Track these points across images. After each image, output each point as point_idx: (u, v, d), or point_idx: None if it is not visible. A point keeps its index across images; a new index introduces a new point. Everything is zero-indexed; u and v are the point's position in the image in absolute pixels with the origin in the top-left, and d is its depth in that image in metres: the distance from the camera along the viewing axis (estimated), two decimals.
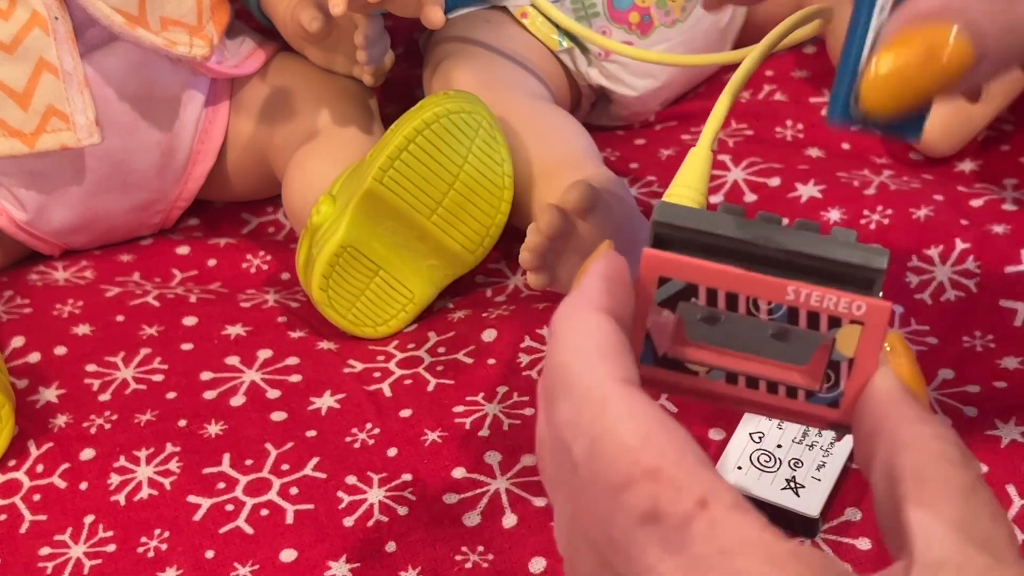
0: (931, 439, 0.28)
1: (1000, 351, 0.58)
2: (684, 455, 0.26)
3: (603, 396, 0.27)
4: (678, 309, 0.30)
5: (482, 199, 0.64)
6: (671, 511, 0.26)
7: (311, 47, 0.73)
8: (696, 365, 0.31)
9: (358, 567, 0.52)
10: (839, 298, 0.29)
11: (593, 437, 0.27)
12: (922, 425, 0.28)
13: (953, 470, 0.27)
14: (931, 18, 0.28)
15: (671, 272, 0.30)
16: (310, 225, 0.65)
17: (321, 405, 0.61)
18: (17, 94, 0.66)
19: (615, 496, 0.26)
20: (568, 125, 0.69)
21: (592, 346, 0.28)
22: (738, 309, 0.30)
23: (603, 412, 0.27)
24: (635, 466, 0.26)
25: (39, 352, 0.66)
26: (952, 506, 0.27)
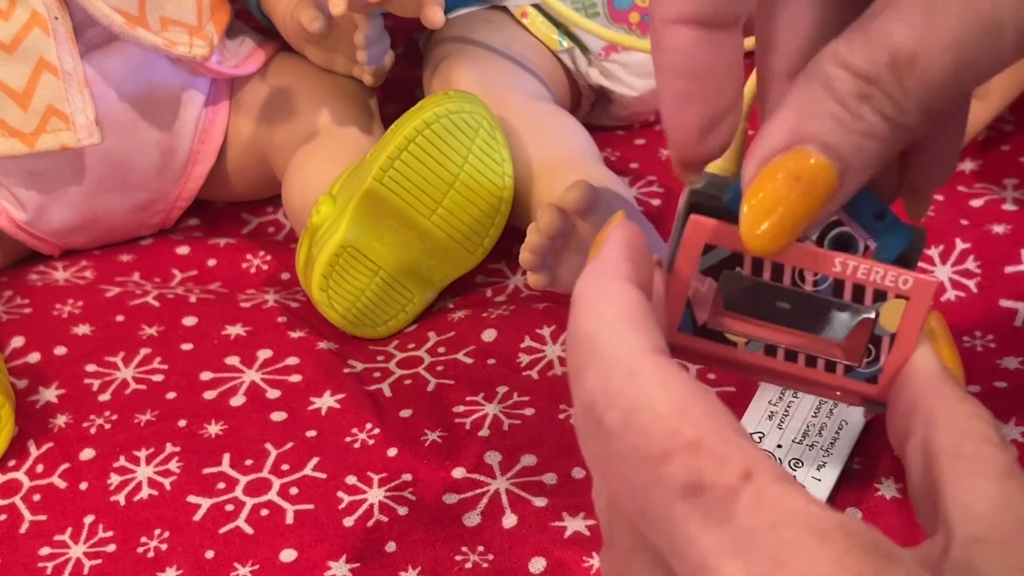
0: (970, 419, 0.28)
1: (1000, 351, 0.58)
2: (722, 426, 0.26)
3: (633, 366, 0.27)
4: (721, 278, 0.30)
5: (482, 199, 0.64)
6: (715, 483, 0.25)
7: (311, 47, 0.73)
8: (735, 335, 0.30)
9: (358, 567, 0.52)
10: (886, 271, 0.29)
11: (626, 408, 0.26)
12: (961, 404, 0.28)
13: (992, 450, 0.27)
14: (782, 151, 0.28)
15: (718, 240, 0.30)
16: (310, 225, 0.65)
17: (321, 405, 0.61)
18: (17, 94, 0.66)
19: (653, 468, 0.26)
20: (568, 125, 0.69)
21: (618, 314, 0.28)
22: (783, 280, 0.30)
23: (635, 382, 0.26)
24: (673, 437, 0.26)
25: (39, 352, 0.66)
26: (991, 485, 0.26)
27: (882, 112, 0.28)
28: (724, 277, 0.30)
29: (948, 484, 0.27)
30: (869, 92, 0.28)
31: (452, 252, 0.65)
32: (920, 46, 0.27)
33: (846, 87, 0.28)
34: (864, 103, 0.28)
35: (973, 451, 0.27)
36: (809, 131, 0.28)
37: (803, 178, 0.28)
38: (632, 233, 0.30)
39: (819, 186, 0.28)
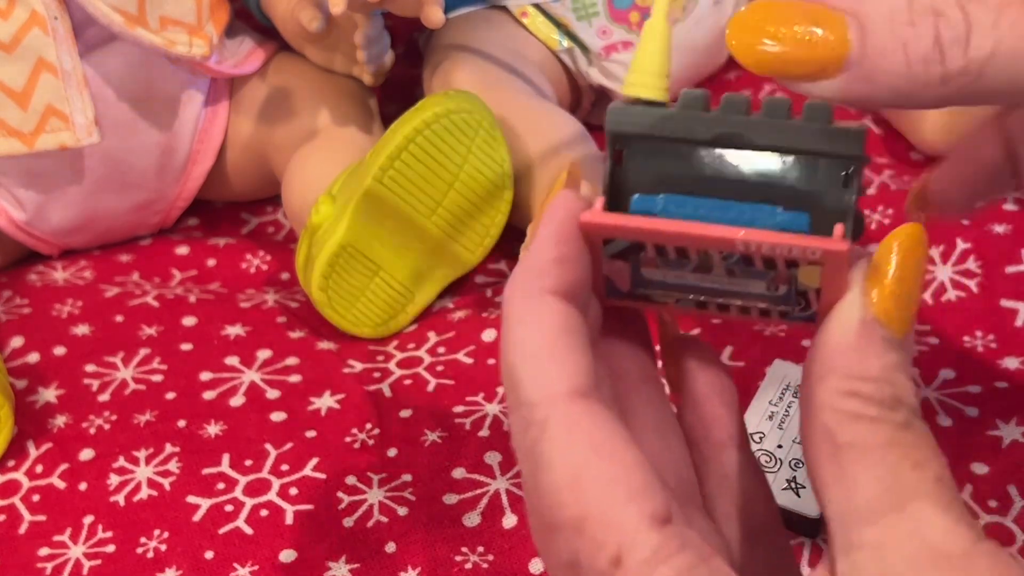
0: (843, 397, 0.26)
1: (1001, 351, 0.58)
2: (611, 497, 0.26)
3: (544, 417, 0.26)
4: (631, 259, 0.29)
5: (482, 199, 0.64)
6: (588, 567, 0.25)
7: (311, 46, 0.73)
8: (665, 293, 0.30)
9: (358, 567, 0.52)
10: (791, 245, 0.28)
11: (533, 464, 0.26)
12: (837, 381, 0.27)
13: (869, 427, 0.26)
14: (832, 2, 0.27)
15: (614, 234, 0.29)
16: (310, 225, 0.65)
17: (321, 405, 0.61)
18: (16, 94, 0.66)
19: (547, 537, 0.26)
20: (568, 125, 0.69)
21: (539, 346, 0.27)
22: (690, 259, 0.29)
23: (542, 438, 0.26)
24: (561, 511, 0.26)
25: (38, 352, 0.66)
26: (867, 471, 0.26)
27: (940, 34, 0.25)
28: (635, 258, 0.29)
29: (825, 486, 0.26)
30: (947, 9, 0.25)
31: (452, 252, 0.65)
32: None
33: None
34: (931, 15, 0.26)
35: (846, 436, 0.26)
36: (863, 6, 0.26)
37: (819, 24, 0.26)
38: (568, 209, 0.28)
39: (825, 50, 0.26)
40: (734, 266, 0.29)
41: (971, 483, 0.51)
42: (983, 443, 0.53)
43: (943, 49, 0.25)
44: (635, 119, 0.29)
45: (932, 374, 0.57)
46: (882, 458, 0.26)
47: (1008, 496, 0.51)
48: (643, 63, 0.31)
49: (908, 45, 0.25)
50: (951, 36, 0.25)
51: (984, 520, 0.50)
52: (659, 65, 0.30)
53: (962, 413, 0.55)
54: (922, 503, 0.25)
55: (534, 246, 0.28)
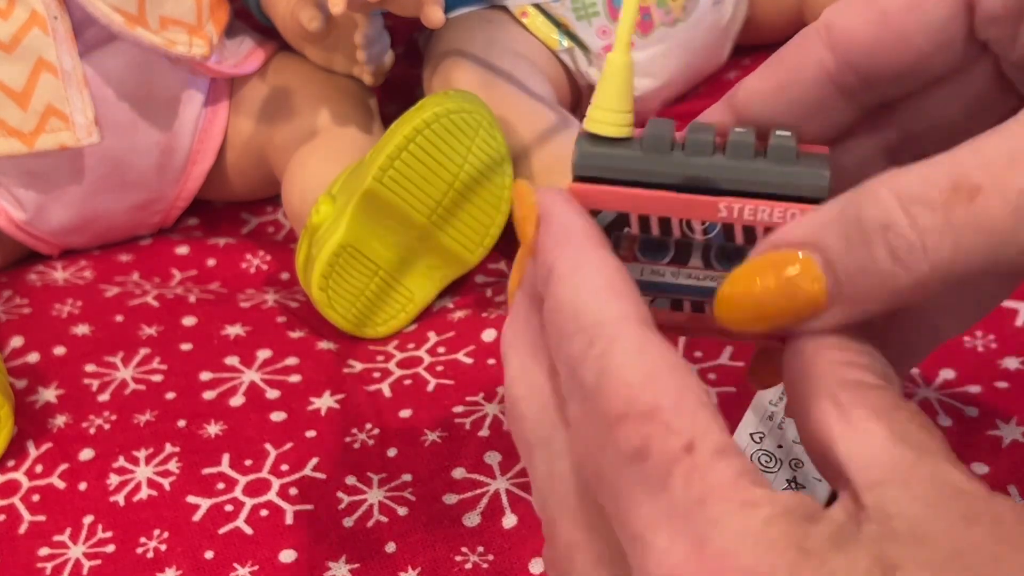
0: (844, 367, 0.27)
1: (1001, 351, 0.58)
2: (684, 396, 0.26)
3: (614, 333, 0.27)
4: (612, 239, 0.30)
5: (482, 199, 0.64)
6: (658, 451, 0.26)
7: (311, 46, 0.73)
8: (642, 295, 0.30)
9: (358, 567, 0.52)
10: (772, 208, 0.29)
11: (600, 371, 0.27)
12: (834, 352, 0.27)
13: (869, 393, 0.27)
14: (785, 247, 0.28)
15: (600, 203, 0.29)
16: (310, 225, 0.65)
17: (321, 405, 0.61)
18: (16, 93, 0.66)
19: (610, 430, 0.26)
20: (568, 125, 0.69)
21: (602, 284, 0.28)
22: (673, 232, 0.30)
23: (613, 348, 0.27)
24: (632, 402, 0.26)
25: (38, 352, 0.66)
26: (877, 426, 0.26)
27: (894, 249, 0.26)
28: (615, 238, 0.30)
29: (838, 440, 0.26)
30: (893, 221, 0.26)
31: (452, 252, 0.65)
32: (988, 180, 0.25)
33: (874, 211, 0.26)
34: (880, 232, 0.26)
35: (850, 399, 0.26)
36: (820, 239, 0.27)
37: (794, 280, 0.27)
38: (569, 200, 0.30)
39: (801, 290, 0.27)
40: (712, 254, 0.30)
41: None
42: (983, 443, 0.53)
43: (903, 261, 0.26)
44: (601, 162, 0.30)
45: (932, 374, 0.57)
46: (892, 418, 0.26)
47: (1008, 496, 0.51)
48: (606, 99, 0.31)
49: (868, 267, 0.26)
50: (905, 247, 0.26)
51: None
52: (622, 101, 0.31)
53: (962, 413, 0.55)
54: (935, 457, 0.25)
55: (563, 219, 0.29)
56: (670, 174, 0.29)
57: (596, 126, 0.31)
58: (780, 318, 0.28)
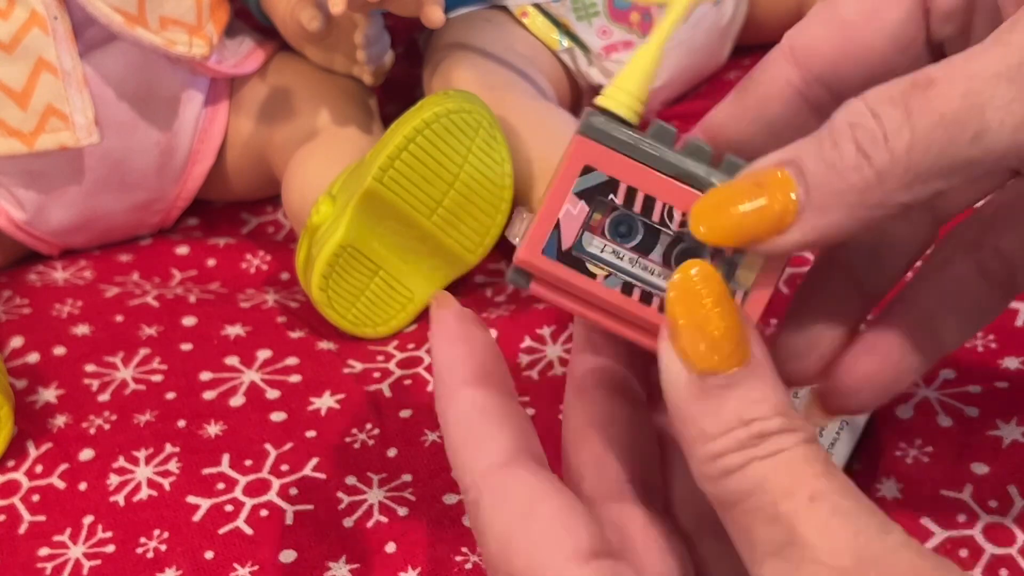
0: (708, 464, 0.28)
1: (1001, 351, 0.58)
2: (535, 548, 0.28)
3: (476, 497, 0.30)
4: (592, 204, 0.30)
5: (482, 199, 0.64)
6: None
7: (311, 46, 0.73)
8: (596, 267, 0.31)
9: (358, 567, 0.52)
10: None
11: (478, 538, 0.29)
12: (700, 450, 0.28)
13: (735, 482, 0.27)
14: (765, 161, 0.29)
15: (597, 163, 0.30)
16: (310, 225, 0.65)
17: (321, 405, 0.61)
18: (16, 93, 0.66)
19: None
20: (568, 125, 0.69)
21: (458, 435, 0.31)
22: (652, 215, 0.30)
23: (477, 515, 0.29)
24: (498, 572, 0.29)
25: (38, 352, 0.66)
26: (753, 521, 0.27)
27: (859, 141, 0.27)
28: (596, 204, 0.30)
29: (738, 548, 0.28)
30: (860, 120, 0.27)
31: (452, 252, 0.65)
32: (942, 73, 0.27)
33: (845, 114, 0.28)
34: (847, 130, 0.27)
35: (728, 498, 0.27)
36: (797, 154, 0.28)
37: (765, 188, 0.28)
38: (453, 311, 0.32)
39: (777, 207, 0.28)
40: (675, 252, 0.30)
41: (971, 483, 0.51)
42: (983, 443, 0.53)
43: (866, 152, 0.27)
44: (609, 129, 0.31)
45: (932, 374, 0.57)
46: (759, 503, 0.27)
47: (1008, 496, 0.51)
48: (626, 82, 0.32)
49: (836, 163, 0.27)
50: (869, 138, 0.27)
51: (984, 520, 0.50)
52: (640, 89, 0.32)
53: (962, 413, 0.55)
54: (802, 533, 0.26)
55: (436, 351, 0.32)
56: (669, 164, 0.30)
57: (609, 103, 0.32)
58: (753, 228, 0.28)
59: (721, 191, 0.29)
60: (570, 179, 0.30)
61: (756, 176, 0.28)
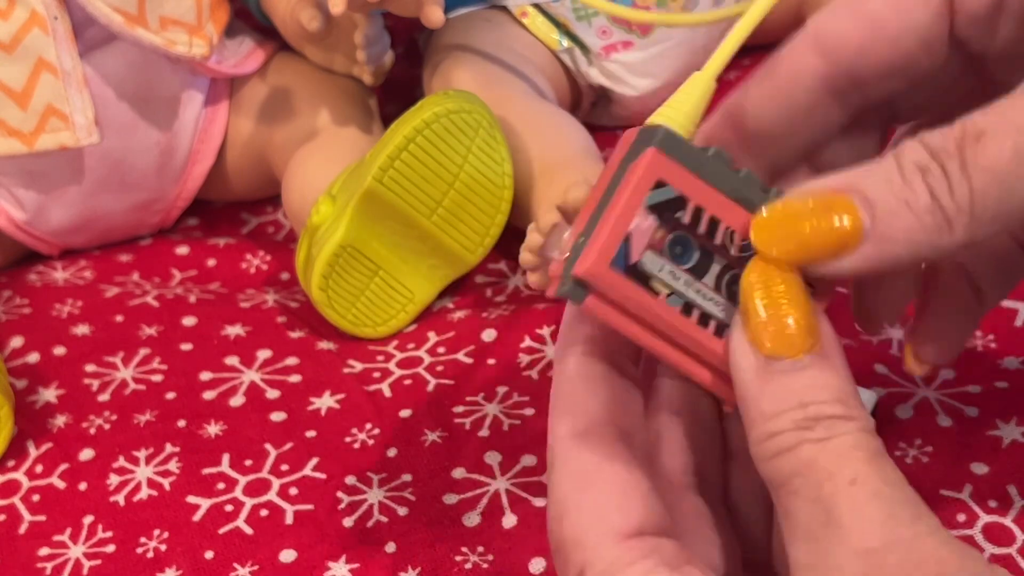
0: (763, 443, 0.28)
1: (1001, 351, 0.58)
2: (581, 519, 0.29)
3: (551, 458, 0.31)
4: (661, 220, 0.30)
5: (482, 199, 0.64)
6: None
7: (310, 46, 0.73)
8: (660, 284, 0.30)
9: (358, 567, 0.52)
10: None
11: (549, 488, 0.31)
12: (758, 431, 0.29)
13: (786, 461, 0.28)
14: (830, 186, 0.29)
15: (669, 178, 0.30)
16: (310, 225, 0.65)
17: (321, 405, 0.61)
18: (16, 93, 0.66)
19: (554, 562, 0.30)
20: (568, 124, 0.69)
21: (556, 396, 0.31)
22: (715, 238, 0.30)
23: (551, 474, 0.31)
24: (551, 536, 0.30)
25: (38, 352, 0.66)
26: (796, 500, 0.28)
27: (932, 187, 0.28)
28: (664, 220, 0.30)
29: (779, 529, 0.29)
30: (928, 166, 0.28)
31: (452, 252, 0.65)
32: (991, 124, 0.28)
33: (912, 156, 0.28)
34: (918, 174, 0.28)
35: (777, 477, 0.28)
36: (860, 184, 0.29)
37: (832, 211, 0.29)
38: None
39: (843, 230, 0.28)
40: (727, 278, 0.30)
41: (971, 483, 0.51)
42: (983, 443, 0.53)
43: (938, 199, 0.28)
44: (682, 146, 0.30)
45: (932, 374, 0.57)
46: (804, 484, 0.27)
47: (1008, 496, 0.51)
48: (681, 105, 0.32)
49: (910, 202, 0.28)
50: (939, 186, 0.28)
51: (984, 520, 0.50)
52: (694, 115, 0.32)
53: (962, 413, 0.55)
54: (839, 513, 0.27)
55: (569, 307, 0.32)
56: (733, 187, 0.30)
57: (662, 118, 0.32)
58: (815, 248, 0.29)
59: (788, 206, 0.29)
60: (643, 191, 0.30)
61: (821, 196, 0.29)
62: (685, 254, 0.30)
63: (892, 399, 0.55)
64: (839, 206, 0.28)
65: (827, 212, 0.28)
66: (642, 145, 0.30)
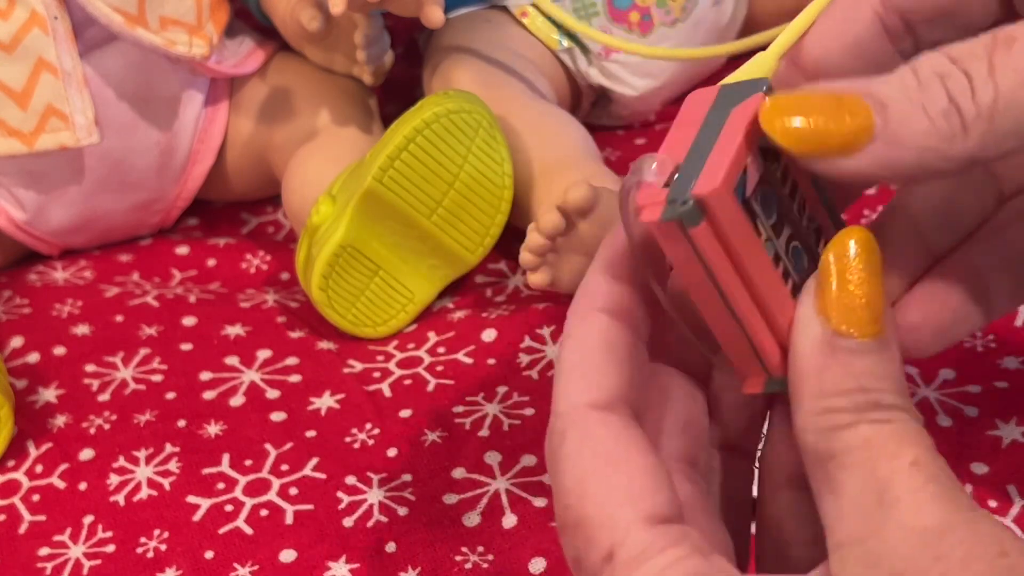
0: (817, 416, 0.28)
1: (1001, 351, 0.58)
2: (608, 499, 0.28)
3: (564, 427, 0.29)
4: (764, 165, 0.29)
5: (482, 199, 0.64)
6: (585, 562, 0.28)
7: (310, 46, 0.73)
8: (762, 227, 0.29)
9: (358, 567, 0.52)
10: None
11: (553, 469, 0.29)
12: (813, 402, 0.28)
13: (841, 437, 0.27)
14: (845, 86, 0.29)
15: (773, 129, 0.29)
16: (310, 225, 0.65)
17: (321, 405, 0.61)
18: (16, 94, 0.66)
19: (561, 536, 0.29)
20: (568, 124, 0.69)
21: (574, 361, 0.30)
22: (795, 202, 0.30)
23: (560, 446, 0.29)
24: (567, 513, 0.28)
25: (38, 352, 0.66)
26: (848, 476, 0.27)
27: (951, 91, 0.27)
28: (765, 167, 0.29)
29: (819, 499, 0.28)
30: (949, 71, 0.28)
31: (452, 252, 0.65)
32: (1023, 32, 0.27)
33: (931, 63, 0.28)
34: (937, 79, 0.28)
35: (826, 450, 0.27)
36: (874, 87, 0.28)
37: (844, 106, 0.28)
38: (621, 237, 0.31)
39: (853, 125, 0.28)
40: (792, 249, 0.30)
41: (971, 483, 0.51)
42: (983, 443, 0.53)
43: (956, 102, 0.27)
44: None
45: (932, 374, 0.57)
46: (859, 459, 0.27)
47: (1008, 496, 0.51)
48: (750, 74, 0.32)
49: (926, 105, 0.28)
50: (959, 90, 0.27)
51: None
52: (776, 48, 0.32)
53: (962, 413, 0.55)
54: (896, 491, 0.27)
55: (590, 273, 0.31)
56: None
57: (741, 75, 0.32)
58: (824, 139, 0.28)
59: (802, 96, 0.29)
60: (757, 132, 0.29)
61: (837, 92, 0.29)
62: (767, 209, 0.30)
63: None
64: (851, 102, 0.28)
65: (839, 106, 0.28)
66: (743, 93, 0.30)
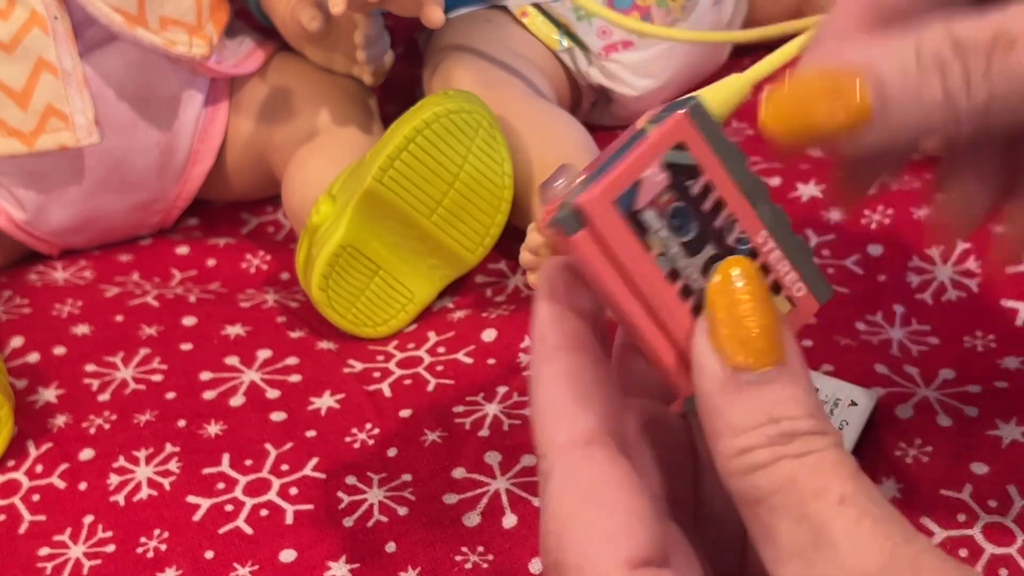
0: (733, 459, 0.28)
1: (1001, 351, 0.58)
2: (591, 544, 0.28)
3: (548, 468, 0.29)
4: (672, 182, 0.29)
5: (482, 199, 0.64)
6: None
7: (310, 46, 0.73)
8: (655, 242, 0.29)
9: (358, 567, 0.52)
10: (788, 273, 0.30)
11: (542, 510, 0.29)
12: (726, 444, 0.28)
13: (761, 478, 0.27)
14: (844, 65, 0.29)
15: (691, 145, 0.29)
16: (310, 225, 0.65)
17: (321, 405, 0.61)
18: (16, 94, 0.66)
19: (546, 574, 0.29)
20: (568, 124, 0.69)
21: (546, 401, 0.30)
22: (715, 221, 0.30)
23: (546, 487, 0.29)
24: (548, 556, 0.28)
25: (38, 352, 0.66)
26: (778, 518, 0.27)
27: (948, 87, 0.28)
28: (675, 183, 0.29)
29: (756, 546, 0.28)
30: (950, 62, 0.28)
31: (452, 252, 0.65)
32: None
33: (934, 47, 0.28)
34: (937, 70, 0.28)
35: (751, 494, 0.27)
36: (877, 67, 0.28)
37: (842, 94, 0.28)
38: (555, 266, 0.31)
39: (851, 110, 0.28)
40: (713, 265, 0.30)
41: (971, 483, 0.51)
42: (983, 443, 0.53)
43: (952, 95, 0.28)
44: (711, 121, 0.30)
45: (932, 374, 0.57)
46: (786, 502, 0.27)
47: (1008, 496, 0.51)
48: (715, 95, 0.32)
49: (923, 95, 0.28)
50: (955, 86, 0.28)
51: (984, 520, 0.50)
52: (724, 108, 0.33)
53: (962, 413, 0.55)
54: (831, 533, 0.26)
55: (539, 308, 0.30)
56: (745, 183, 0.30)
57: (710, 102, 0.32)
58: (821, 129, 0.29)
59: (798, 86, 0.29)
60: (665, 146, 0.29)
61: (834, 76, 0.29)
62: (684, 227, 0.30)
63: (892, 399, 0.55)
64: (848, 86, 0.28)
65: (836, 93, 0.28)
66: (672, 110, 0.30)
